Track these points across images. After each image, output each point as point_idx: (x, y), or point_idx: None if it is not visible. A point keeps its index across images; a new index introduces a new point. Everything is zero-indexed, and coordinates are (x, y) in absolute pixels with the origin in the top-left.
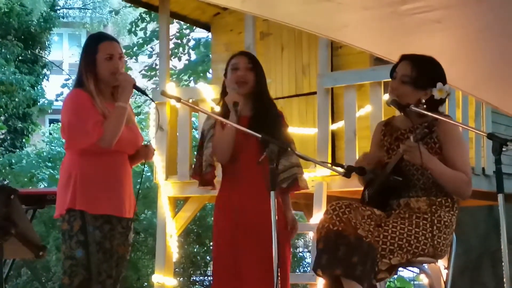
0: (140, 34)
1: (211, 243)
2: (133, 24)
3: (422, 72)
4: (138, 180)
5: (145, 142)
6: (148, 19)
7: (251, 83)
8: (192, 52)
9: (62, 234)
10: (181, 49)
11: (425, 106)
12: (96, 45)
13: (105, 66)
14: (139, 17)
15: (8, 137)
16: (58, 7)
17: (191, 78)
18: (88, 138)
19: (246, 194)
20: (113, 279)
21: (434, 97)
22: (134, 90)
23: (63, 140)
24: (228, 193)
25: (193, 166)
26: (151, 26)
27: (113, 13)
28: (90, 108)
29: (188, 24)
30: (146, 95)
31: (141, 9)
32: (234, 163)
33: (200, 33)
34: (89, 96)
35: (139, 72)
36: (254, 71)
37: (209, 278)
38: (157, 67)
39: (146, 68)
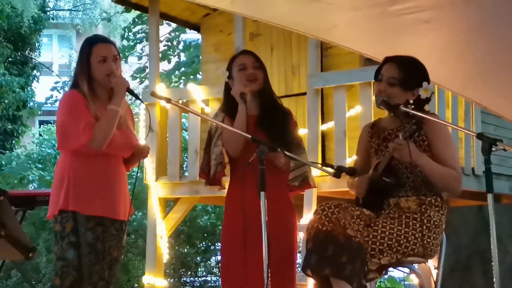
0: (131, 36)
1: (202, 244)
2: (126, 29)
3: (409, 73)
4: (129, 181)
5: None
6: (140, 23)
7: (260, 81)
8: (182, 55)
9: (54, 235)
10: (171, 51)
11: (413, 106)
12: (90, 48)
13: (99, 68)
14: (132, 22)
15: None
16: (48, 9)
17: (181, 80)
18: (78, 139)
19: (254, 194)
20: (106, 281)
21: (420, 97)
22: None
23: (53, 142)
24: (236, 193)
25: (200, 166)
26: (140, 27)
27: (106, 20)
28: (83, 110)
29: (178, 26)
30: (139, 98)
31: (133, 14)
32: (241, 163)
33: (190, 35)
34: (83, 98)
35: (130, 76)
36: (261, 69)
37: (199, 279)
38: (147, 69)
39: (136, 70)
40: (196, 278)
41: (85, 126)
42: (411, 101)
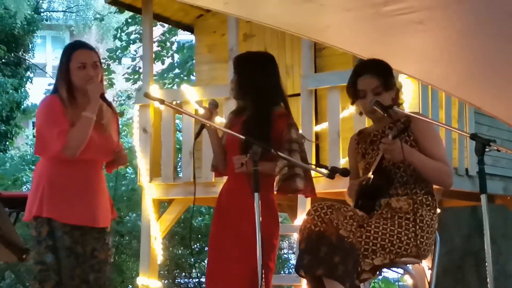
0: (124, 37)
1: (196, 245)
2: (118, 30)
3: (386, 75)
4: (123, 182)
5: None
6: (133, 23)
7: (233, 88)
8: (176, 56)
9: (32, 240)
10: (164, 51)
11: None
12: (70, 54)
13: (78, 74)
14: (124, 23)
15: None
16: (42, 10)
17: (175, 81)
18: (53, 146)
19: (231, 194)
20: (98, 285)
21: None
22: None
23: None
24: (221, 192)
25: None
26: (134, 28)
27: (98, 19)
28: (60, 116)
29: (171, 27)
30: (111, 106)
31: (126, 14)
32: (229, 163)
33: (184, 36)
34: (61, 104)
35: (122, 75)
36: (236, 73)
37: (193, 280)
38: (141, 69)
39: (130, 71)
40: (190, 280)
41: (59, 133)
42: (393, 97)
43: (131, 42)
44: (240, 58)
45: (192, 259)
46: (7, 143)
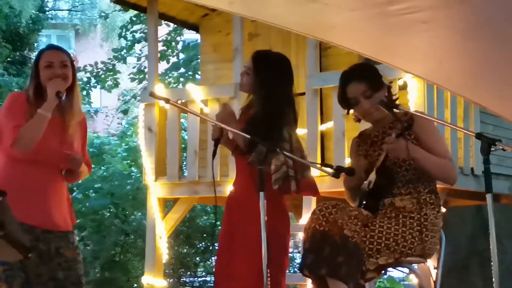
0: (129, 36)
1: (201, 244)
2: (123, 28)
3: (371, 76)
4: (129, 181)
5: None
6: (138, 22)
7: (247, 83)
8: (181, 56)
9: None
10: (170, 51)
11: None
12: (40, 54)
13: (45, 73)
14: (129, 21)
15: None
16: (47, 9)
17: (180, 80)
18: (5, 139)
19: (240, 193)
20: (70, 282)
21: (390, 88)
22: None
23: None
24: (230, 193)
25: None
26: (139, 27)
27: (103, 17)
28: (21, 112)
29: (176, 26)
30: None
31: (131, 13)
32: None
33: (189, 35)
34: (26, 101)
35: (128, 75)
36: (253, 70)
37: (198, 279)
38: (146, 69)
39: (135, 71)
40: (196, 278)
41: (14, 127)
42: (386, 94)
43: (136, 41)
44: (260, 55)
45: (197, 258)
46: None
